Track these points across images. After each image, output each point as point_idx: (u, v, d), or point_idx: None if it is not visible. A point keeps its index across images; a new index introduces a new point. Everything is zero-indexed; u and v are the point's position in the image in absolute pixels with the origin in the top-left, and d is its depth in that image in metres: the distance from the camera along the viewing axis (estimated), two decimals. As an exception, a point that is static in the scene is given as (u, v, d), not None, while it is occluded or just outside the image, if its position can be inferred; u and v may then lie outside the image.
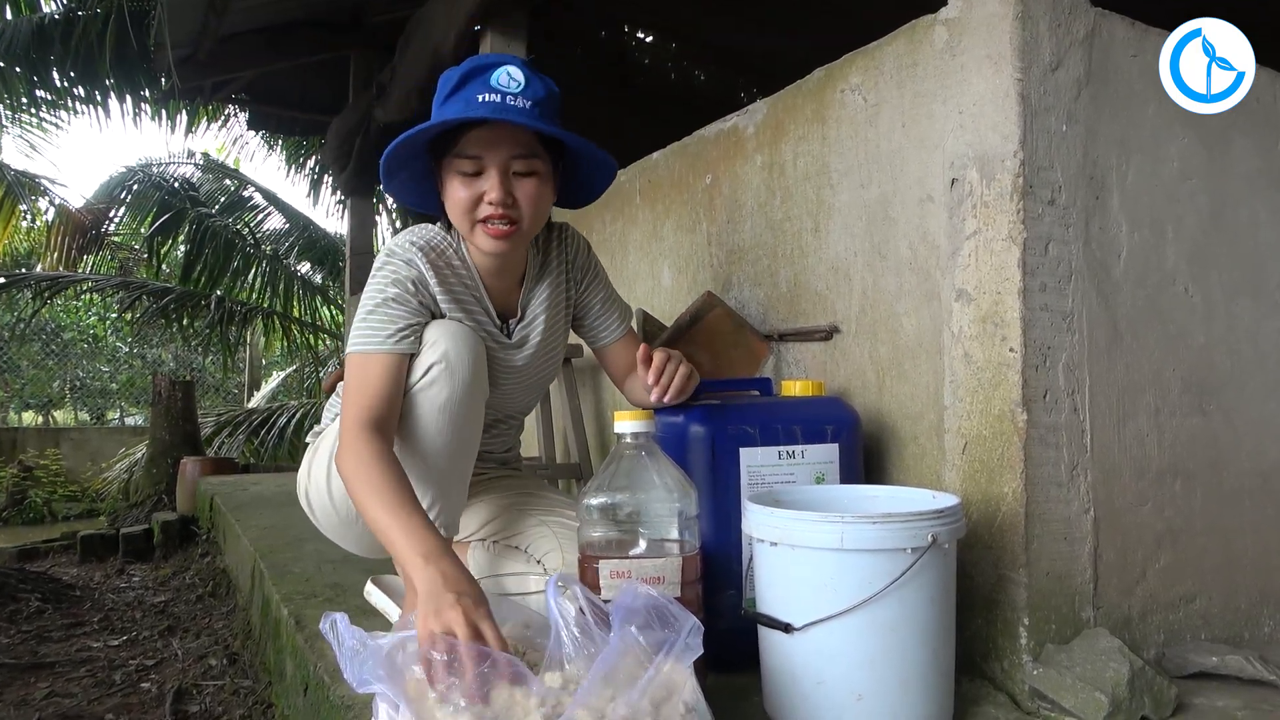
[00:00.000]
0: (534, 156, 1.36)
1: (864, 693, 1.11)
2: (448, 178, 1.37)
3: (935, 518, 1.11)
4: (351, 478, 1.27)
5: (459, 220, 1.39)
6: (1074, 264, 1.35)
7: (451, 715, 0.90)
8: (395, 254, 1.42)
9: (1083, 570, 1.34)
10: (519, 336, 1.53)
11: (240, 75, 5.20)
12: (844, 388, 1.63)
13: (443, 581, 1.06)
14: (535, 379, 1.60)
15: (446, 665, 0.93)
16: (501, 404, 1.59)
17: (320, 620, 1.01)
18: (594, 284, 1.61)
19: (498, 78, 1.32)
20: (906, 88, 1.50)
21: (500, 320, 1.52)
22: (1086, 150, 1.37)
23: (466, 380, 1.38)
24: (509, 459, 1.75)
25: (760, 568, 1.21)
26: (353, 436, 1.29)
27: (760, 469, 1.38)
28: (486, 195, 1.34)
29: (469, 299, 1.46)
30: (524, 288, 1.53)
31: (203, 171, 8.41)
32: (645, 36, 6.34)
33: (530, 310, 1.54)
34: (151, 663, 2.51)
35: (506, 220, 1.35)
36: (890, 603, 1.10)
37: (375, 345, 1.36)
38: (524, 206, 1.36)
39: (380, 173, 1.41)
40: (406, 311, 1.38)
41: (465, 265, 1.47)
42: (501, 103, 1.30)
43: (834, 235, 1.66)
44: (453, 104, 1.33)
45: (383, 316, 1.37)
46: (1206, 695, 1.30)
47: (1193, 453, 1.47)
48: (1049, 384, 1.32)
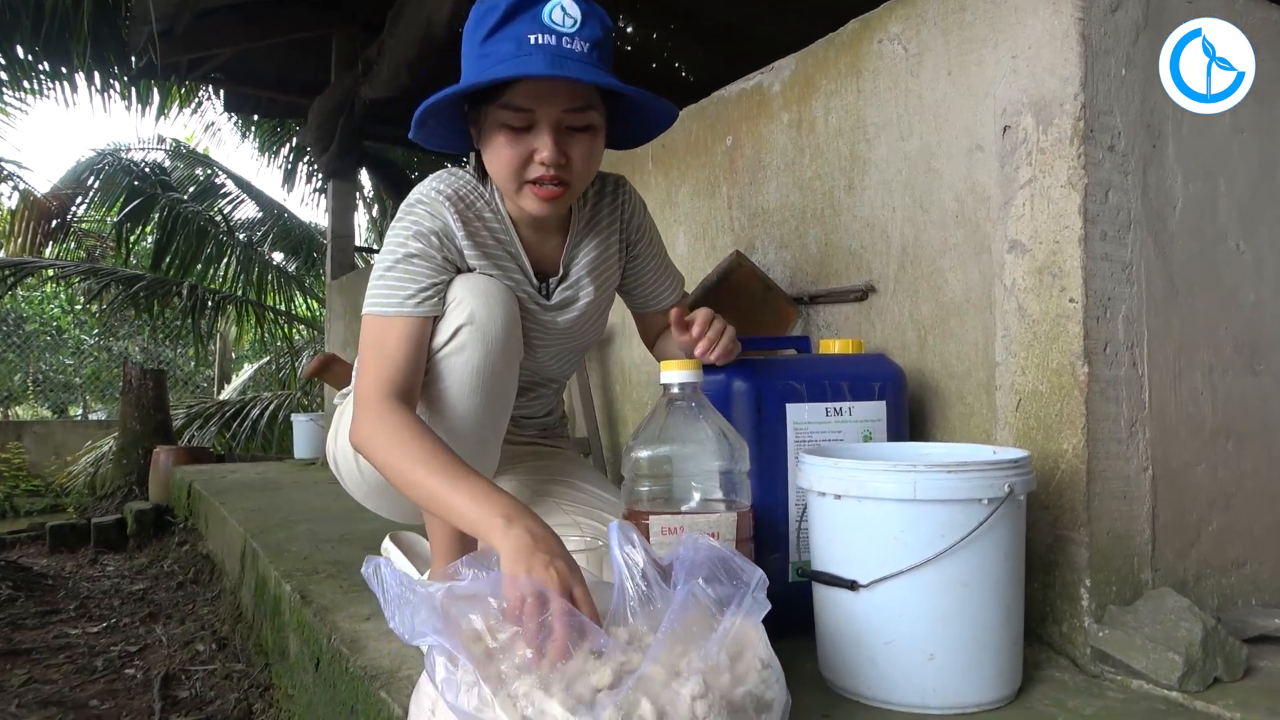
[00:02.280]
0: (591, 109, 1.20)
1: (936, 652, 1.05)
2: (490, 129, 1.21)
3: (1011, 468, 1.06)
4: (383, 453, 1.15)
5: (504, 180, 1.23)
6: (1133, 213, 1.30)
7: (517, 669, 0.82)
8: (419, 203, 1.28)
9: (1141, 531, 1.29)
10: (560, 298, 1.39)
11: (218, 53, 5.05)
12: (881, 348, 1.57)
13: (532, 541, 0.96)
14: (577, 344, 1.48)
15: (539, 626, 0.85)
16: (537, 369, 1.47)
17: (364, 565, 0.92)
18: (649, 249, 1.48)
19: (550, 12, 1.14)
20: (953, 34, 1.44)
21: (539, 279, 1.38)
22: (1144, 96, 1.32)
23: (499, 343, 1.25)
24: (550, 424, 1.62)
25: (819, 523, 1.14)
26: (374, 409, 1.17)
27: (807, 426, 1.32)
28: (538, 154, 1.18)
29: (502, 255, 1.32)
30: (568, 244, 1.38)
31: (174, 158, 8.22)
32: (626, 27, 6.28)
33: (574, 270, 1.40)
34: (135, 649, 2.39)
35: (557, 181, 1.20)
36: (965, 556, 1.04)
37: (394, 308, 1.23)
38: (577, 165, 1.21)
39: (413, 122, 1.24)
40: (430, 269, 1.24)
41: (499, 218, 1.33)
42: (558, 46, 1.14)
43: (869, 191, 1.60)
44: (499, 43, 1.15)
45: (401, 274, 1.24)
46: (1270, 658, 1.25)
47: (1245, 414, 1.43)
48: (1109, 336, 1.27)
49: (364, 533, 2.28)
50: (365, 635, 1.40)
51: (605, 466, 2.37)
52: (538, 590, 0.89)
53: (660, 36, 6.20)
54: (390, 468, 1.14)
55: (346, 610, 1.55)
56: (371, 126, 4.89)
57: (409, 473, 1.11)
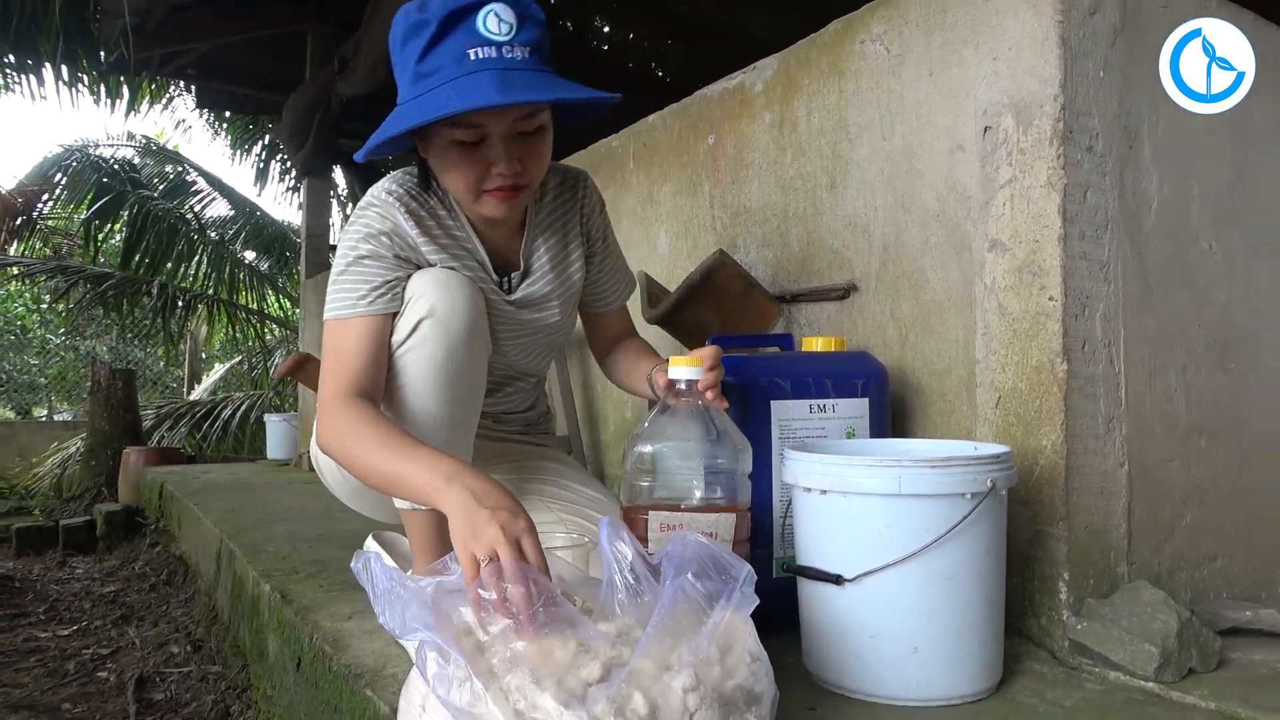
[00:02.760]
0: (540, 111, 1.18)
1: (920, 645, 1.06)
2: (439, 144, 1.19)
3: (994, 463, 1.07)
4: (341, 447, 1.15)
5: (462, 193, 1.22)
6: (1110, 213, 1.32)
7: (509, 663, 0.82)
8: (370, 206, 1.26)
9: (1118, 525, 1.32)
10: (523, 293, 1.38)
11: (190, 49, 4.98)
12: (862, 346, 1.59)
13: (473, 499, 0.96)
14: (547, 338, 1.46)
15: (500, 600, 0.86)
16: (509, 362, 1.46)
17: (354, 559, 0.92)
18: (605, 246, 1.47)
19: (485, 21, 1.11)
20: (934, 35, 1.46)
21: (499, 274, 1.36)
22: (1121, 98, 1.34)
23: (462, 336, 1.24)
24: (533, 419, 1.61)
25: (805, 519, 1.15)
26: (333, 409, 1.17)
27: (791, 422, 1.33)
28: (494, 167, 1.17)
29: (459, 251, 1.31)
30: (526, 238, 1.37)
31: (144, 154, 8.10)
32: (603, 27, 6.28)
33: (535, 263, 1.38)
34: (107, 651, 2.36)
35: (515, 187, 1.20)
36: (949, 550, 1.05)
37: (348, 309, 1.22)
38: (532, 169, 1.20)
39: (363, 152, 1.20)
40: (382, 267, 1.24)
41: (453, 214, 1.32)
42: (499, 58, 1.11)
43: (851, 191, 1.62)
44: (437, 59, 1.12)
45: (355, 276, 1.23)
46: (1242, 650, 1.28)
47: (1217, 411, 1.46)
48: (1087, 334, 1.29)
49: (342, 532, 2.27)
50: (348, 634, 1.39)
51: (585, 464, 2.37)
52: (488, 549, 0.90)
53: (637, 36, 6.20)
54: (348, 459, 1.15)
55: (328, 609, 1.54)
56: (347, 124, 4.84)
57: (364, 461, 1.12)
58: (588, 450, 2.39)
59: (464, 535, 0.93)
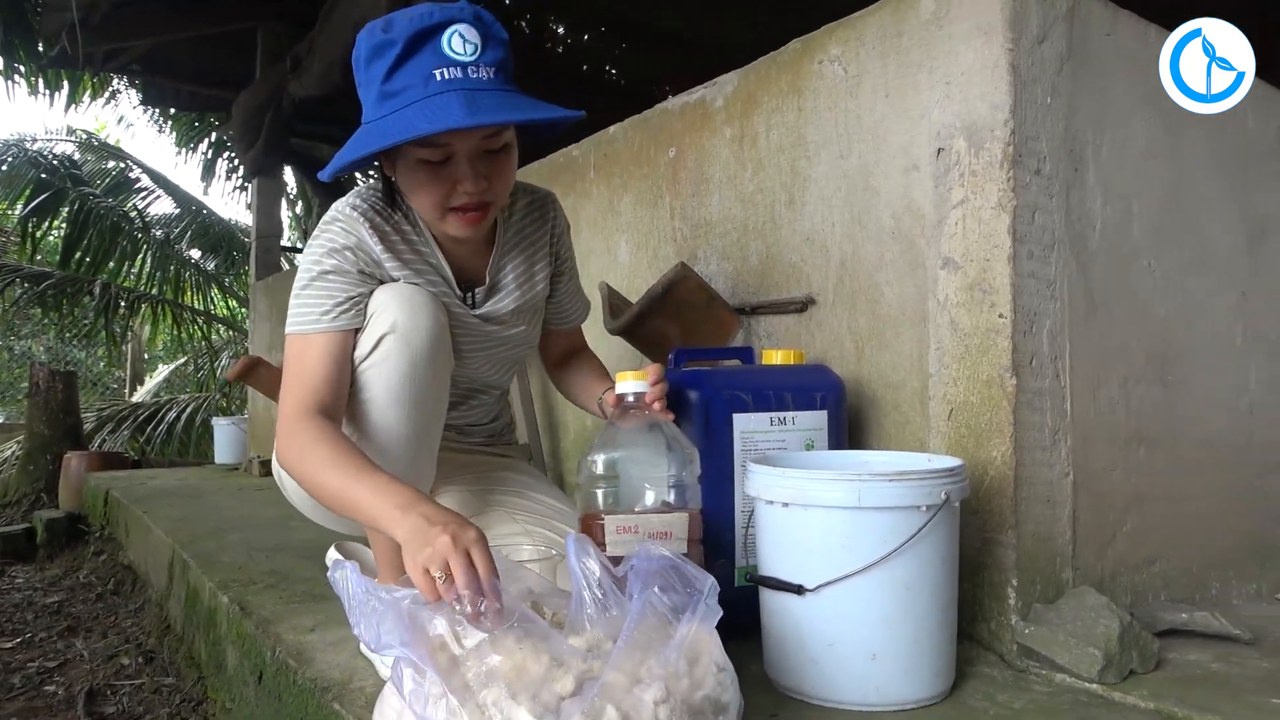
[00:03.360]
0: (504, 129, 1.20)
1: (879, 652, 1.10)
2: (406, 163, 1.19)
3: (948, 476, 1.11)
4: (299, 464, 1.16)
5: (428, 211, 1.23)
6: (1056, 233, 1.38)
7: (484, 678, 0.84)
8: (334, 221, 1.27)
9: (1063, 533, 1.37)
10: (488, 308, 1.39)
11: (135, 44, 4.87)
12: (820, 358, 1.63)
13: (426, 523, 0.98)
14: (510, 352, 1.48)
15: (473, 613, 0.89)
16: (473, 376, 1.47)
17: (330, 569, 0.93)
18: (569, 268, 1.52)
19: (450, 41, 1.12)
20: (890, 58, 1.50)
21: (463, 289, 1.37)
22: (1068, 123, 1.40)
23: (424, 351, 1.25)
24: (496, 430, 1.62)
25: (767, 531, 1.19)
26: (293, 425, 1.17)
27: (753, 435, 1.36)
28: (460, 185, 1.18)
29: (423, 266, 1.32)
30: (494, 255, 1.39)
31: (84, 150, 7.88)
32: (557, 27, 6.28)
33: (501, 280, 1.40)
34: (54, 664, 2.31)
35: (479, 204, 1.21)
36: (906, 561, 1.09)
37: (310, 324, 1.23)
38: (498, 187, 1.22)
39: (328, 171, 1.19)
40: (346, 283, 1.24)
41: (418, 230, 1.33)
42: (465, 78, 1.12)
43: (810, 207, 1.66)
44: (403, 80, 1.13)
45: (318, 291, 1.24)
46: (1178, 650, 1.35)
47: (1155, 421, 1.53)
48: (1035, 350, 1.34)
49: (299, 542, 2.25)
50: (311, 647, 1.39)
51: (546, 471, 2.38)
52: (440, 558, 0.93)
53: (592, 38, 6.22)
54: (304, 478, 1.16)
55: (289, 621, 1.53)
56: (299, 124, 4.79)
57: (319, 479, 1.13)
58: (548, 458, 2.41)
59: (414, 552, 0.95)
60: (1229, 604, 1.66)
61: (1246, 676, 1.25)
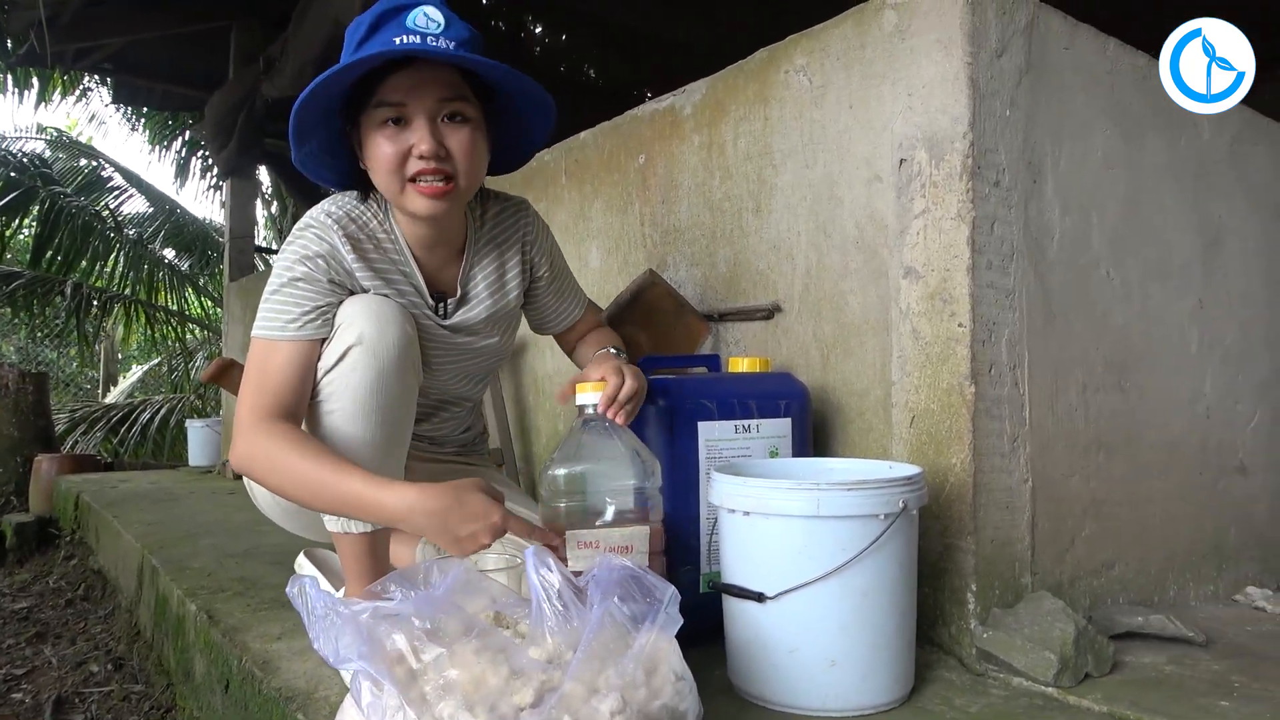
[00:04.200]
0: (463, 99, 1.23)
1: (837, 658, 1.11)
2: (369, 135, 1.23)
3: (905, 484, 1.13)
4: (268, 465, 1.17)
5: (386, 181, 1.24)
6: (1015, 244, 1.40)
7: (441, 691, 0.85)
8: (308, 227, 1.28)
9: (1022, 538, 1.40)
10: (457, 318, 1.40)
11: (107, 43, 4.83)
12: (786, 365, 1.65)
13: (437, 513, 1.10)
14: (481, 363, 1.49)
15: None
16: (443, 388, 1.48)
17: (289, 585, 0.93)
18: (553, 271, 1.52)
19: (414, 19, 1.17)
20: (854, 69, 1.52)
21: (435, 299, 1.38)
22: (1026, 135, 1.42)
23: (392, 363, 1.25)
24: (468, 440, 1.63)
25: (729, 539, 1.20)
26: (255, 428, 1.18)
27: (718, 443, 1.38)
28: (415, 148, 1.20)
29: (396, 275, 1.33)
30: (464, 264, 1.39)
31: (55, 148, 7.78)
32: (535, 27, 6.27)
33: (472, 290, 1.41)
34: (21, 671, 2.29)
35: (441, 176, 1.21)
36: (864, 568, 1.11)
37: (278, 331, 1.24)
38: (459, 159, 1.22)
39: (290, 137, 1.24)
40: (315, 291, 1.25)
41: (392, 238, 1.33)
42: (422, 44, 1.17)
43: (776, 215, 1.68)
44: (366, 51, 1.18)
45: (286, 298, 1.24)
46: (1134, 653, 1.38)
47: (1113, 427, 1.56)
48: (994, 358, 1.37)
49: (269, 547, 2.24)
50: (277, 655, 1.39)
51: (518, 476, 2.39)
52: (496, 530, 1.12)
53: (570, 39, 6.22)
54: (277, 481, 1.17)
55: (256, 630, 1.53)
56: (273, 124, 4.75)
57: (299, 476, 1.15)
58: (520, 462, 2.41)
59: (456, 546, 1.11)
60: (1187, 605, 1.69)
61: (1198, 679, 1.28)
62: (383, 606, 0.94)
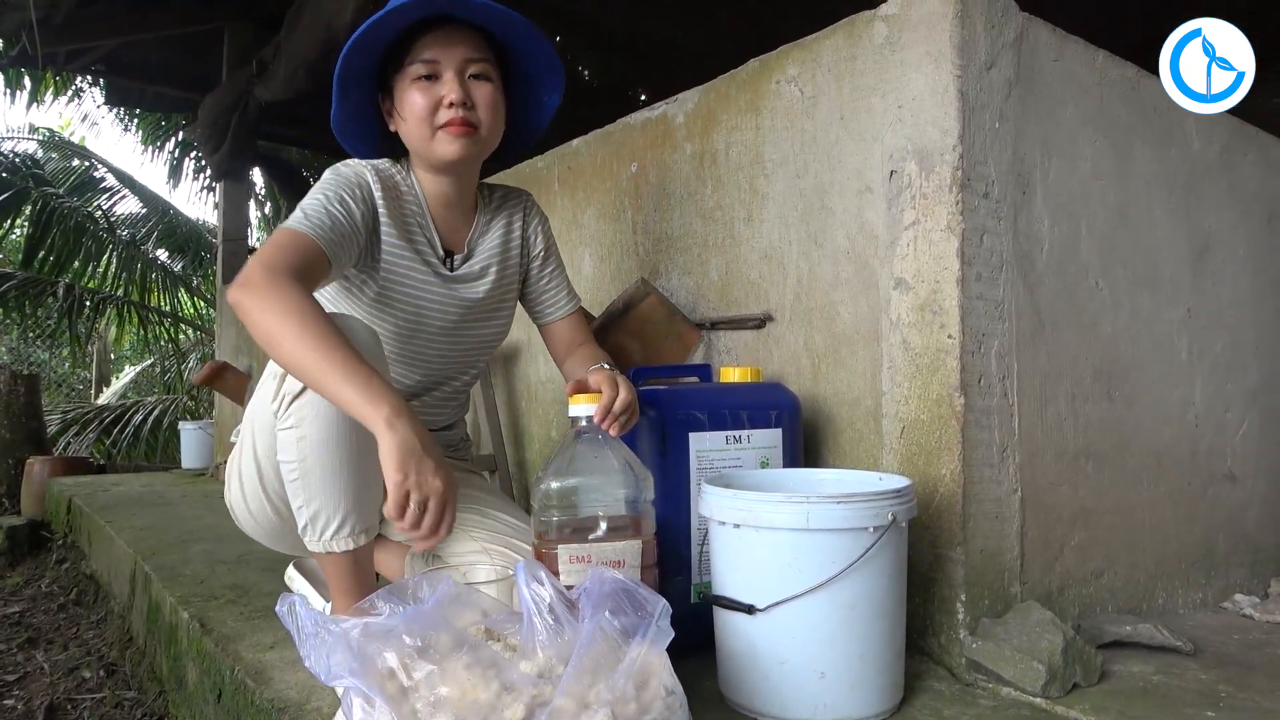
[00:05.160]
0: (487, 60, 1.37)
1: (826, 670, 1.12)
2: (403, 91, 1.36)
3: (894, 497, 1.14)
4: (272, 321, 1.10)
5: (418, 129, 1.36)
6: (1004, 255, 1.41)
7: (432, 707, 0.85)
8: (344, 165, 1.41)
9: (1011, 548, 1.41)
10: (462, 270, 1.49)
11: (99, 45, 4.81)
12: (778, 374, 1.65)
13: (421, 450, 1.06)
14: (476, 334, 1.53)
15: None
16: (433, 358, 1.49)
17: (278, 603, 0.94)
18: (548, 255, 1.61)
19: None
20: (845, 81, 1.53)
21: (445, 253, 1.48)
22: (1015, 148, 1.43)
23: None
24: (453, 440, 1.64)
25: (719, 551, 1.21)
26: (266, 279, 1.13)
27: (709, 453, 1.38)
28: (445, 98, 1.34)
29: (414, 226, 1.44)
30: (474, 226, 1.51)
31: (48, 148, 7.75)
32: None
33: (479, 250, 1.52)
34: (13, 678, 2.28)
35: (466, 123, 1.35)
36: (852, 581, 1.11)
37: (311, 229, 1.25)
38: (482, 110, 1.36)
39: (335, 93, 1.36)
40: (347, 224, 1.31)
41: (413, 192, 1.46)
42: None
43: (768, 224, 1.68)
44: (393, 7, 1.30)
45: (324, 215, 1.28)
46: (1122, 662, 1.39)
47: (1102, 436, 1.57)
48: (983, 369, 1.38)
49: (262, 553, 2.24)
50: (270, 666, 1.39)
51: (511, 482, 2.39)
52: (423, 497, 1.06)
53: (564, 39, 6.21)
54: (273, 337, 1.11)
55: (249, 639, 1.53)
56: (266, 126, 4.75)
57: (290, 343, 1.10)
58: (512, 468, 2.42)
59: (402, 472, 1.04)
60: (1175, 612, 1.70)
61: (1185, 689, 1.29)
62: (373, 623, 0.94)
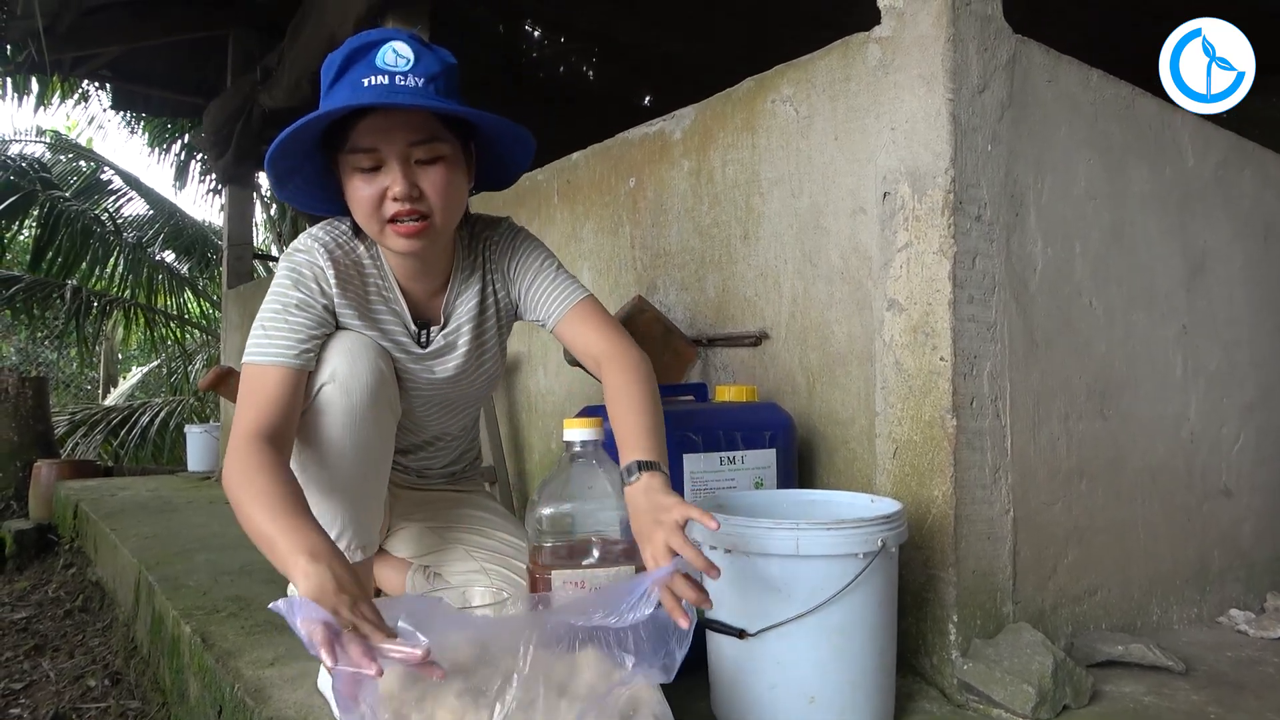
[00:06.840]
0: (436, 140, 1.23)
1: (816, 695, 1.13)
2: (347, 177, 1.25)
3: (884, 523, 1.15)
4: (235, 489, 1.13)
5: (366, 223, 1.26)
6: (997, 277, 1.42)
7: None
8: (296, 251, 1.31)
9: (1004, 568, 1.42)
10: (438, 344, 1.40)
11: (104, 51, 4.84)
12: (773, 393, 1.66)
13: (335, 585, 0.95)
14: (461, 395, 1.48)
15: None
16: (423, 423, 1.48)
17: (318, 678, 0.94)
18: (526, 272, 1.44)
19: (383, 57, 1.18)
20: (839, 102, 1.54)
21: (419, 328, 1.39)
22: (1008, 169, 1.44)
23: (364, 399, 1.27)
24: (457, 471, 1.64)
25: (711, 575, 1.22)
26: (241, 448, 1.15)
27: (703, 475, 1.39)
28: (390, 190, 1.21)
29: (378, 301, 1.35)
30: (449, 292, 1.40)
31: (55, 151, 7.80)
32: (534, 31, 6.28)
33: (454, 317, 1.41)
34: (20, 686, 2.31)
35: (416, 216, 1.23)
36: (842, 606, 1.12)
37: (272, 357, 1.24)
38: (432, 198, 1.23)
39: (270, 181, 1.27)
40: (309, 320, 1.27)
41: (377, 265, 1.36)
42: (390, 84, 1.17)
43: (764, 243, 1.69)
44: (336, 92, 1.20)
45: (283, 325, 1.26)
46: (1114, 683, 1.39)
47: (1095, 454, 1.57)
48: (975, 391, 1.38)
49: (263, 563, 2.22)
50: (269, 683, 1.41)
51: (511, 493, 2.41)
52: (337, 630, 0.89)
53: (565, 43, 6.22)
54: (237, 505, 1.12)
55: (249, 655, 1.55)
56: (270, 132, 4.76)
57: (246, 508, 1.09)
58: (513, 478, 2.43)
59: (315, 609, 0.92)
60: (1170, 628, 1.71)
61: (1176, 710, 1.29)
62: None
